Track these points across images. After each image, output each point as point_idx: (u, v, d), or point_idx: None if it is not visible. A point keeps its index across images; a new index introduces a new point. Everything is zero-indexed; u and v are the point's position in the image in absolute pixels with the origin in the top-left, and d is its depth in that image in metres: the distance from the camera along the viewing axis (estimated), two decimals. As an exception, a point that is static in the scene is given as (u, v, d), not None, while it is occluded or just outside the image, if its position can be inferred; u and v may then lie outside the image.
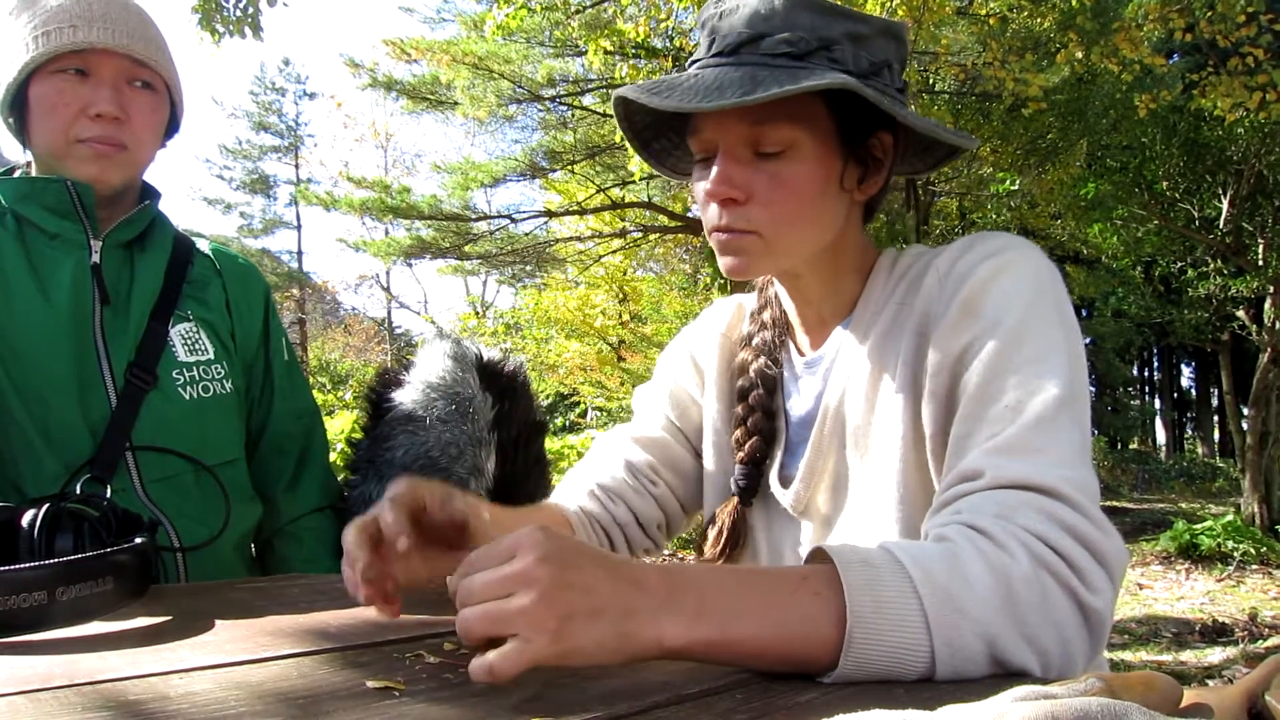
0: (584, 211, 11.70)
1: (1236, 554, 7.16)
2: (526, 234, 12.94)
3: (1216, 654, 4.50)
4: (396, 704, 0.56)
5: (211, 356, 1.25)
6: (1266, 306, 9.22)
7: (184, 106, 1.29)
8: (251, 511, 1.28)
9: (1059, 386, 0.73)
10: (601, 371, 12.99)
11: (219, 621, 0.80)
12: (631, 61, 7.59)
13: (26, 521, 0.87)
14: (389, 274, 26.89)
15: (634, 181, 10.57)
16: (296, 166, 27.13)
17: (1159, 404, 28.83)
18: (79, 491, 1.08)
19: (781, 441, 0.98)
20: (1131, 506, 12.60)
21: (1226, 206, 9.14)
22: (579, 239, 12.64)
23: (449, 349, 1.31)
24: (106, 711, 0.54)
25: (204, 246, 1.35)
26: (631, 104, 0.89)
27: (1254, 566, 7.00)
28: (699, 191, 0.87)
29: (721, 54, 0.84)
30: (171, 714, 0.53)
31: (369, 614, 0.84)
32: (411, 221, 12.30)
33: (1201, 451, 24.31)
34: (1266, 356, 9.05)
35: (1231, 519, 7.90)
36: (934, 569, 0.62)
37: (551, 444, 6.88)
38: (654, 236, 12.83)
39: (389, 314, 27.50)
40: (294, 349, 1.45)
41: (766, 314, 1.02)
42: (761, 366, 0.99)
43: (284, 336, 1.40)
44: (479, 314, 18.96)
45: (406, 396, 1.27)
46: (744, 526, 1.00)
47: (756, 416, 0.98)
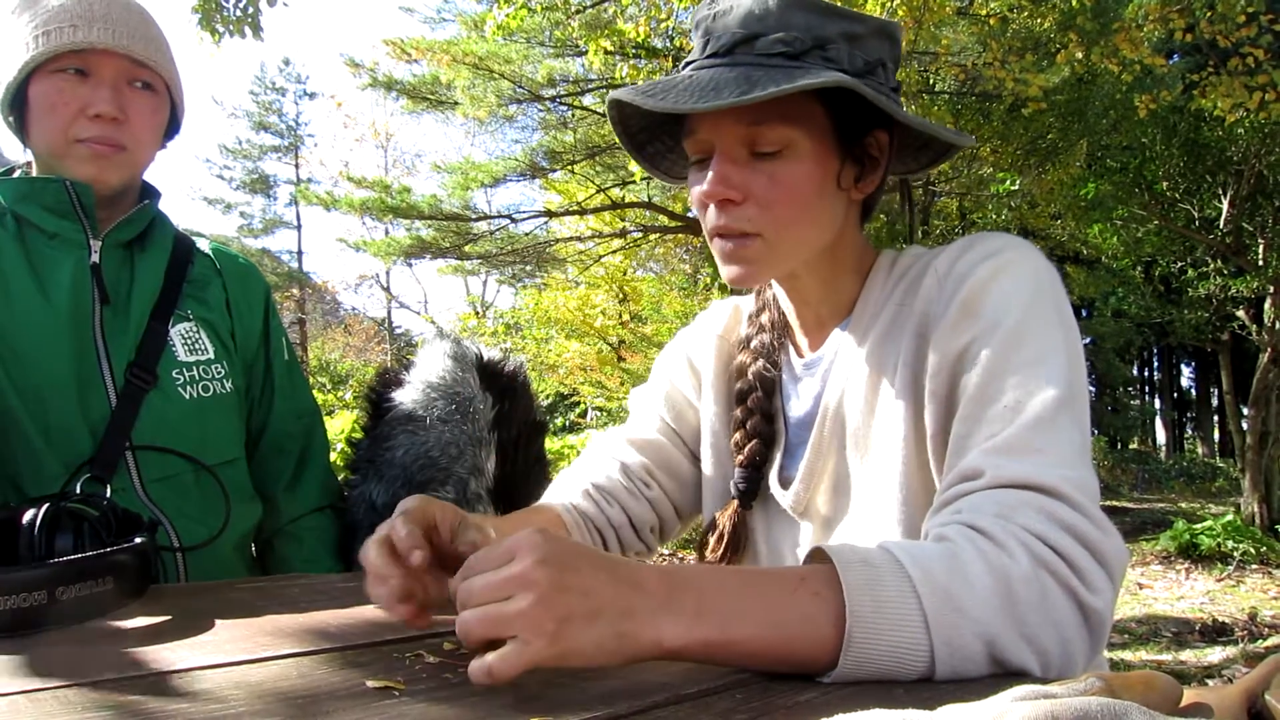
0: (584, 211, 11.69)
1: (1236, 554, 7.16)
2: (526, 234, 12.94)
3: (1216, 654, 4.50)
4: (396, 704, 0.56)
5: (211, 356, 1.24)
6: (1266, 306, 9.21)
7: (185, 107, 1.29)
8: (251, 511, 1.28)
9: (1058, 386, 0.73)
10: (601, 371, 12.98)
11: (219, 621, 0.80)
12: (632, 61, 7.60)
13: (26, 521, 0.87)
14: (389, 274, 26.94)
15: (634, 181, 10.58)
16: (296, 166, 27.14)
17: (1159, 404, 28.84)
18: (79, 491, 1.08)
19: (781, 443, 0.98)
20: (1131, 506, 12.59)
21: (1226, 206, 9.14)
22: (579, 239, 12.63)
23: (449, 349, 1.31)
24: (106, 711, 0.54)
25: (204, 246, 1.35)
26: (626, 107, 0.88)
27: (1254, 566, 7.00)
28: (695, 195, 0.86)
29: (716, 54, 0.83)
30: (171, 714, 0.53)
31: (369, 614, 0.84)
32: (411, 221, 12.30)
33: (1201, 451, 24.29)
34: (1266, 356, 9.05)
35: (1231, 519, 7.90)
36: (933, 568, 0.62)
37: (551, 444, 6.88)
38: (654, 236, 12.83)
39: (389, 314, 27.53)
40: (294, 349, 1.45)
41: (764, 316, 1.01)
42: (760, 369, 0.98)
43: (284, 336, 1.40)
44: (479, 314, 18.94)
45: (406, 396, 1.28)
46: (744, 530, 0.99)
47: (755, 420, 0.98)
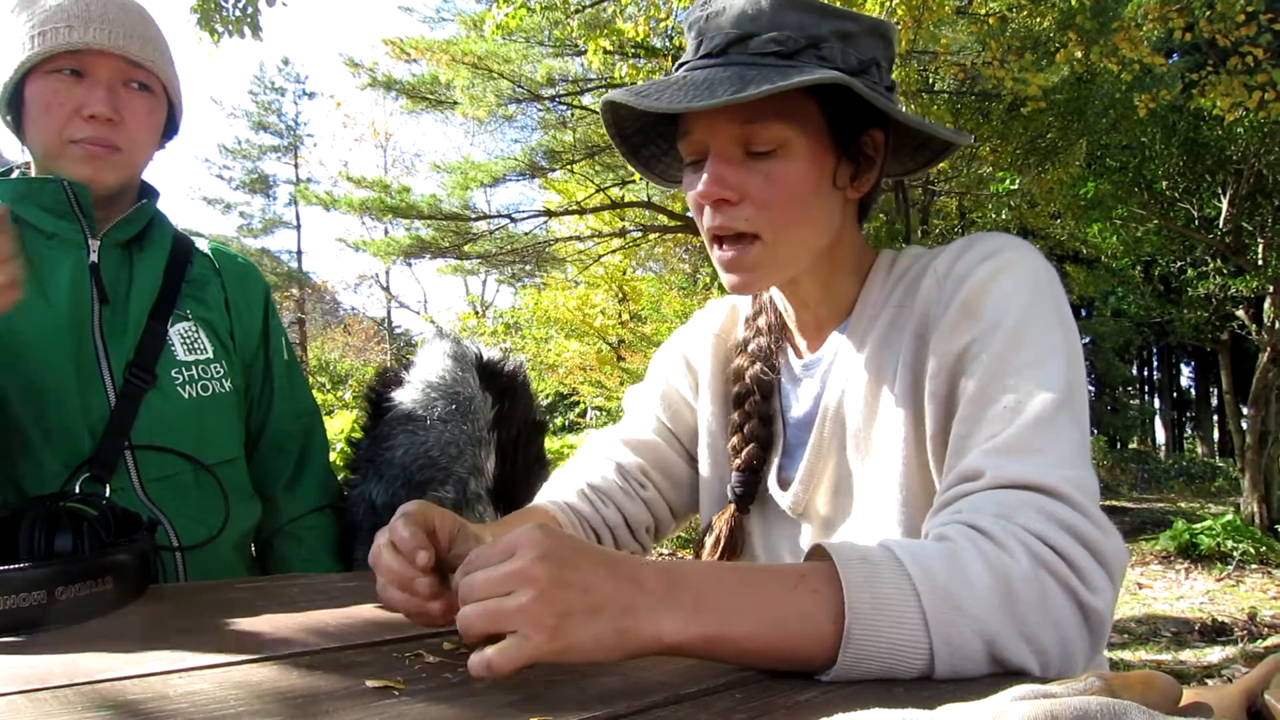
0: (583, 211, 11.68)
1: (1236, 553, 7.17)
2: (526, 233, 12.93)
3: (1216, 653, 4.50)
4: (396, 703, 0.56)
5: (210, 356, 1.24)
6: (1266, 306, 9.22)
7: (183, 107, 1.29)
8: (251, 511, 1.28)
9: (1058, 387, 0.73)
10: (601, 371, 12.97)
11: (219, 621, 0.80)
12: (631, 61, 7.59)
13: (26, 521, 0.87)
14: (388, 274, 26.92)
15: (633, 181, 10.57)
16: (296, 166, 27.12)
17: (1158, 403, 28.83)
18: (78, 491, 1.08)
19: (779, 445, 0.97)
20: (1131, 506, 12.59)
21: (1226, 206, 9.14)
22: (578, 239, 12.62)
23: (449, 348, 1.31)
24: (106, 711, 0.54)
25: (203, 246, 1.34)
26: (620, 109, 0.88)
27: (1253, 566, 7.00)
28: (691, 196, 0.86)
29: (710, 55, 0.83)
30: (171, 714, 0.53)
31: (368, 614, 0.84)
32: (411, 221, 12.28)
33: (1201, 451, 24.29)
34: (1266, 356, 9.05)
35: (1231, 518, 7.90)
36: (933, 567, 0.62)
37: (551, 444, 6.88)
38: (653, 236, 12.82)
39: (389, 314, 27.52)
40: (293, 348, 1.45)
41: (761, 319, 1.00)
42: (758, 373, 0.98)
43: (283, 336, 1.40)
44: (479, 314, 18.94)
45: (406, 396, 1.28)
46: (741, 534, 0.99)
47: (753, 424, 0.97)
